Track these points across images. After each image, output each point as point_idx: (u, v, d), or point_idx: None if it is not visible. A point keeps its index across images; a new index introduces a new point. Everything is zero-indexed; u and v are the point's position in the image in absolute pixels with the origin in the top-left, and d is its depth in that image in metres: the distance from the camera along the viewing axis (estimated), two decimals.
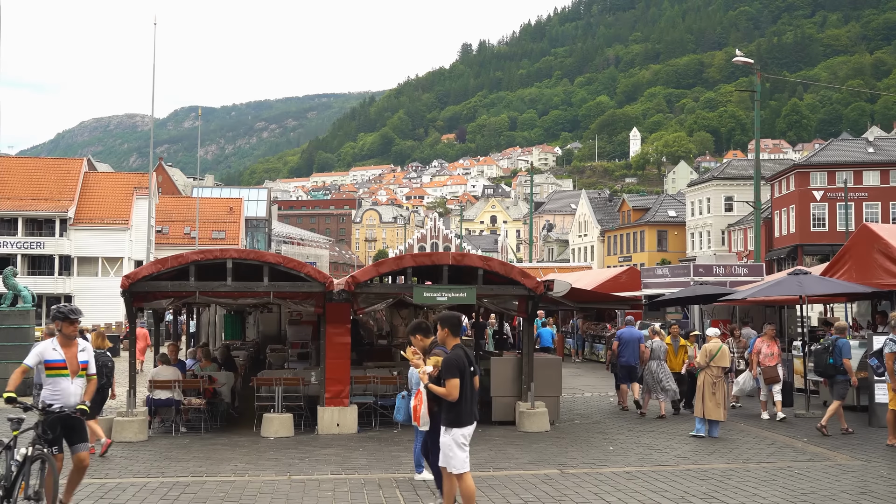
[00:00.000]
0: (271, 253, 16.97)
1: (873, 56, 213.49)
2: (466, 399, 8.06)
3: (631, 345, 17.85)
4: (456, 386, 7.96)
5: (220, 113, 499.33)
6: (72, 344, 8.78)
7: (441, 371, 8.13)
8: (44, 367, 8.67)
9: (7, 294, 21.72)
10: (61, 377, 8.64)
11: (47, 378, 8.70)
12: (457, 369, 8.01)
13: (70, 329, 8.76)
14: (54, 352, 8.67)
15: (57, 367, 8.62)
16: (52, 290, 60.23)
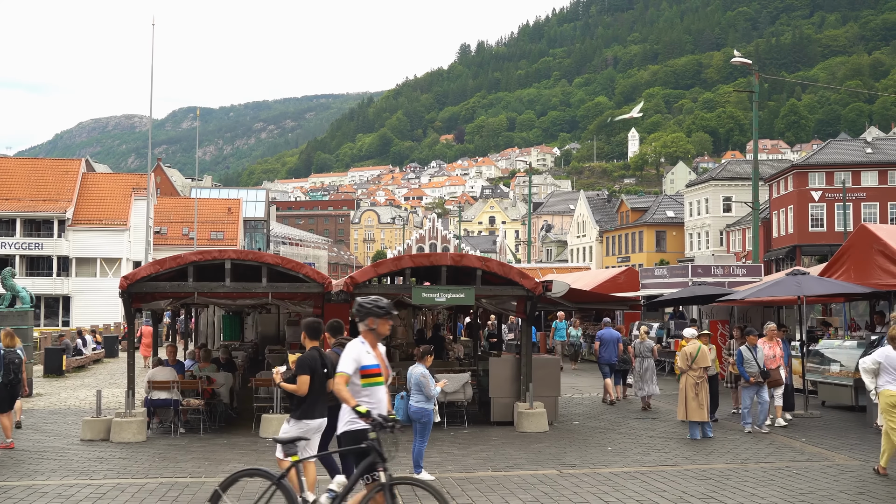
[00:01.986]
0: (270, 254, 16.97)
1: (871, 56, 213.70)
2: (314, 394, 8.74)
3: (610, 344, 19.53)
4: (305, 382, 8.63)
5: (218, 114, 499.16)
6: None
7: (295, 369, 8.85)
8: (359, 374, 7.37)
9: (5, 295, 21.73)
10: (377, 386, 7.46)
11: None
12: (308, 367, 8.70)
13: (386, 328, 7.52)
14: (368, 355, 7.39)
15: (372, 373, 7.39)
16: (50, 290, 60.21)
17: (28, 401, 20.21)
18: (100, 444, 13.77)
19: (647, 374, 18.38)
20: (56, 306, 61.32)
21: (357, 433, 7.13)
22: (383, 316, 7.32)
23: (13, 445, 12.90)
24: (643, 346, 18.64)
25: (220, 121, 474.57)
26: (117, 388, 21.92)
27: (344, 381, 7.10)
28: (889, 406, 10.91)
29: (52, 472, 11.47)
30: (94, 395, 16.06)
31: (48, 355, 26.79)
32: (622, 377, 20.24)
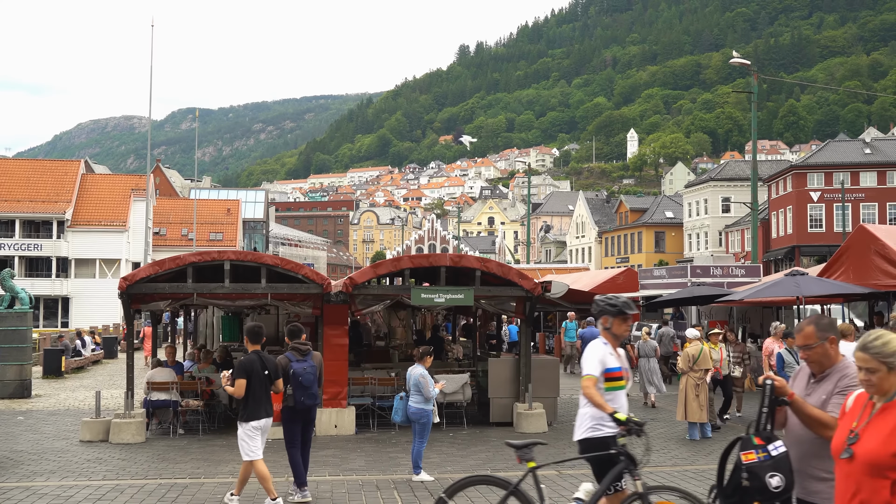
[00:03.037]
0: (269, 255, 16.98)
1: (870, 57, 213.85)
2: (255, 396, 9.19)
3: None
4: (241, 385, 9.11)
5: (217, 115, 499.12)
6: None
7: (233, 372, 9.31)
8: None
9: (5, 296, 21.71)
10: (620, 390, 6.89)
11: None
12: (244, 371, 9.17)
13: (623, 328, 6.94)
14: (612, 357, 6.81)
15: (616, 377, 6.82)
16: (49, 291, 60.17)
17: (27, 402, 20.21)
18: (99, 445, 13.77)
19: (651, 373, 18.71)
20: (55, 307, 61.28)
21: (603, 440, 6.78)
22: (616, 315, 6.79)
23: None
24: (646, 346, 18.97)
25: (219, 122, 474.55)
26: (116, 389, 21.92)
27: (593, 383, 6.66)
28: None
29: (52, 473, 11.47)
30: (93, 396, 16.06)
31: (47, 356, 26.78)
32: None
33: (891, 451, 3.81)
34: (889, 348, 4.00)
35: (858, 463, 3.90)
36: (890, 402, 4.01)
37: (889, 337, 4.07)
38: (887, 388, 4.01)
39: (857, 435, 3.98)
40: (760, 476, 4.45)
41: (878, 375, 4.00)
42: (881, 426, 3.94)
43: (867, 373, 4.03)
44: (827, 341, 4.74)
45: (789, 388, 4.69)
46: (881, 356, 4.00)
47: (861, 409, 4.12)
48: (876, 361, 4.00)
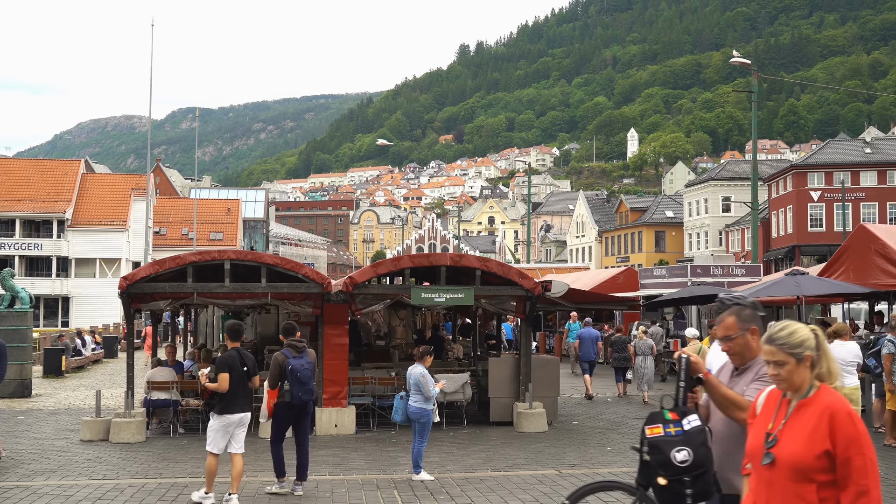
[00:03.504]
0: (269, 254, 16.96)
1: (870, 56, 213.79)
2: (233, 391, 9.49)
3: (589, 342, 20.94)
4: (225, 379, 9.45)
5: (217, 114, 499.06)
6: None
7: (215, 367, 9.62)
8: None
9: (5, 295, 21.71)
10: None
11: None
12: (226, 365, 9.51)
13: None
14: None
15: None
16: (49, 291, 60.17)
17: (27, 401, 20.22)
18: (99, 445, 13.77)
19: (648, 371, 19.10)
20: (55, 307, 61.28)
21: None
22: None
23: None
24: (642, 344, 19.39)
25: (219, 121, 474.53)
26: (116, 389, 21.93)
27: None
28: None
29: (52, 473, 11.47)
30: (94, 395, 16.05)
31: (47, 356, 26.78)
32: (622, 374, 20.78)
33: (815, 453, 3.61)
34: (795, 338, 3.81)
35: (781, 468, 3.67)
36: (806, 399, 3.79)
37: (795, 327, 3.88)
38: (798, 383, 3.80)
39: (775, 438, 3.74)
40: (664, 450, 4.22)
41: (787, 368, 3.79)
42: (801, 426, 3.72)
43: (776, 366, 3.82)
44: (748, 332, 4.57)
45: (704, 366, 4.52)
46: (787, 347, 3.80)
47: (775, 409, 3.88)
48: (783, 353, 3.80)
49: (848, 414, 3.65)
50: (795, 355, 3.78)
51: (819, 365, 3.83)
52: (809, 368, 3.81)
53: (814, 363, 3.81)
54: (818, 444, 3.62)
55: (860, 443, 3.62)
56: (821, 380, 3.83)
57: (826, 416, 3.65)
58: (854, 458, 3.58)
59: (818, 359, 3.82)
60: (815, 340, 3.83)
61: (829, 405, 3.70)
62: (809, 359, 3.80)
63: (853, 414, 3.66)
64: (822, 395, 3.77)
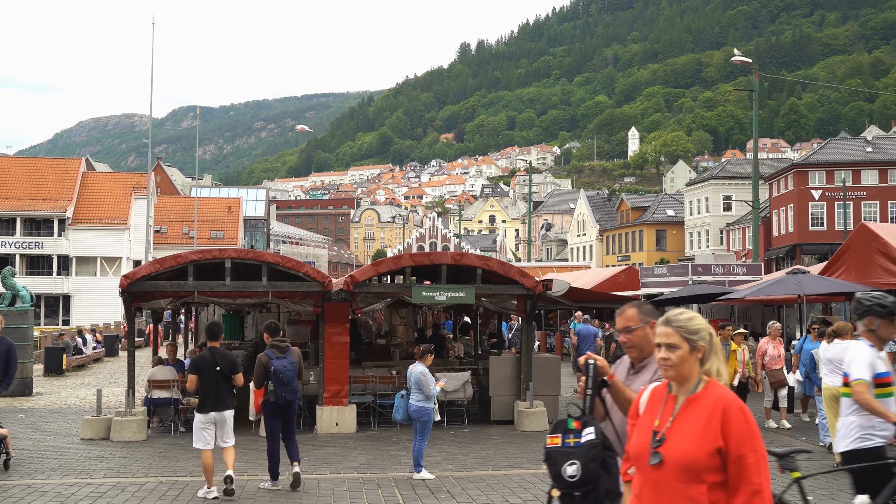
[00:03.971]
0: (270, 252, 16.96)
1: (871, 55, 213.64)
2: (204, 391, 9.91)
3: (588, 339, 21.26)
4: (192, 381, 9.99)
5: (218, 113, 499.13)
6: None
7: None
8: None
9: (6, 294, 21.73)
10: (889, 397, 6.29)
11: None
12: (195, 367, 9.98)
13: (891, 331, 6.43)
14: (881, 361, 6.31)
15: (885, 382, 6.29)
16: (50, 290, 60.18)
17: (28, 399, 20.22)
18: (100, 443, 13.77)
19: None
20: (56, 305, 61.28)
21: (874, 450, 6.22)
22: (886, 316, 6.31)
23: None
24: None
25: (220, 120, 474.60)
26: (117, 387, 21.93)
27: (866, 388, 6.18)
28: None
29: (53, 471, 11.47)
30: (94, 394, 16.06)
31: (48, 354, 26.79)
32: None
33: (708, 451, 3.42)
34: (693, 324, 3.63)
35: (670, 468, 3.45)
36: (695, 394, 3.57)
37: (695, 315, 3.71)
38: (686, 374, 3.59)
39: (663, 436, 3.51)
40: (558, 462, 4.01)
41: (679, 354, 3.58)
42: (691, 423, 3.50)
43: (667, 349, 3.60)
44: (648, 325, 4.43)
45: (609, 369, 4.32)
46: (684, 331, 3.61)
47: (661, 406, 3.64)
48: (678, 336, 3.61)
49: (740, 409, 3.47)
50: (690, 342, 3.60)
51: (709, 361, 3.63)
52: (699, 361, 3.61)
53: (705, 357, 3.61)
54: (710, 440, 3.42)
55: (753, 439, 3.44)
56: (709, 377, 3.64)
57: (718, 412, 3.46)
58: (747, 456, 3.40)
59: (709, 354, 3.63)
60: (710, 336, 3.66)
61: (721, 399, 3.50)
62: (702, 350, 3.61)
63: (745, 409, 3.49)
64: (713, 390, 3.56)
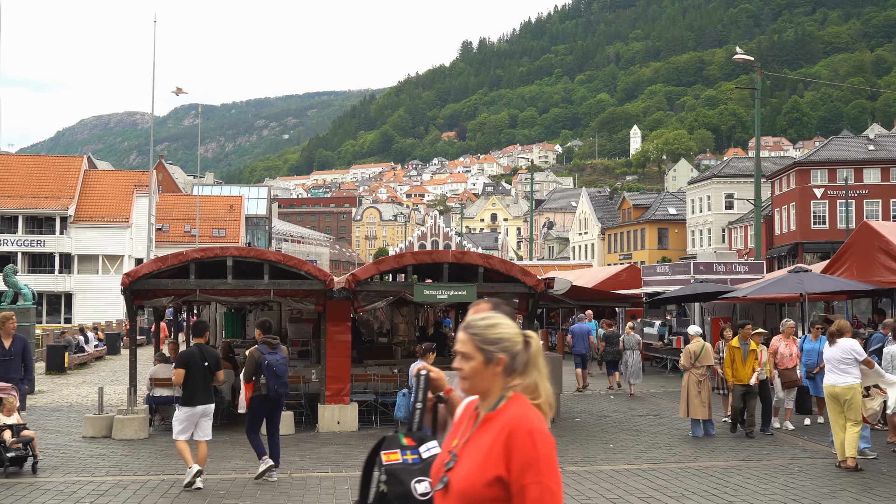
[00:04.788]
0: (272, 251, 16.97)
1: (874, 53, 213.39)
2: (191, 385, 10.24)
3: (581, 337, 21.59)
4: (179, 374, 10.27)
5: (220, 111, 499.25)
6: None
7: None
8: None
9: (7, 292, 21.77)
10: None
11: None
12: (182, 362, 10.31)
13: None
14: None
15: None
16: (52, 288, 60.23)
17: (30, 397, 20.20)
18: (102, 441, 13.79)
19: (635, 365, 20.01)
20: (58, 303, 61.32)
21: None
22: None
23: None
24: (630, 339, 20.43)
25: (221, 118, 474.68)
26: (119, 386, 21.95)
27: None
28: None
29: (54, 469, 11.48)
30: (96, 392, 16.07)
31: (50, 352, 26.80)
32: (614, 367, 21.62)
33: (486, 479, 2.94)
34: (493, 333, 3.12)
35: (452, 496, 2.99)
36: (493, 413, 3.07)
37: (501, 322, 3.18)
38: (483, 388, 3.11)
39: (454, 457, 3.07)
40: (404, 480, 3.53)
41: (472, 365, 3.10)
42: (479, 446, 3.02)
43: (461, 359, 3.14)
44: None
45: (447, 383, 3.74)
46: (480, 340, 3.11)
47: (466, 420, 3.20)
48: (472, 345, 3.11)
49: (529, 432, 2.95)
50: (485, 353, 3.10)
51: (524, 375, 3.12)
52: (502, 374, 3.10)
53: (509, 369, 3.10)
54: (490, 468, 2.94)
55: (538, 468, 2.91)
56: (531, 397, 3.12)
57: (503, 435, 2.97)
58: (529, 488, 2.89)
59: (517, 367, 3.12)
60: (521, 346, 3.14)
61: (511, 421, 2.99)
62: (502, 362, 3.09)
63: (536, 432, 2.96)
64: (509, 409, 3.05)
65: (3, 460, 10.93)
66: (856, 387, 11.23)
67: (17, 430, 11.22)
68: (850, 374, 11.26)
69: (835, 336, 11.50)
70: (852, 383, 11.20)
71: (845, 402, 11.18)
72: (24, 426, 11.41)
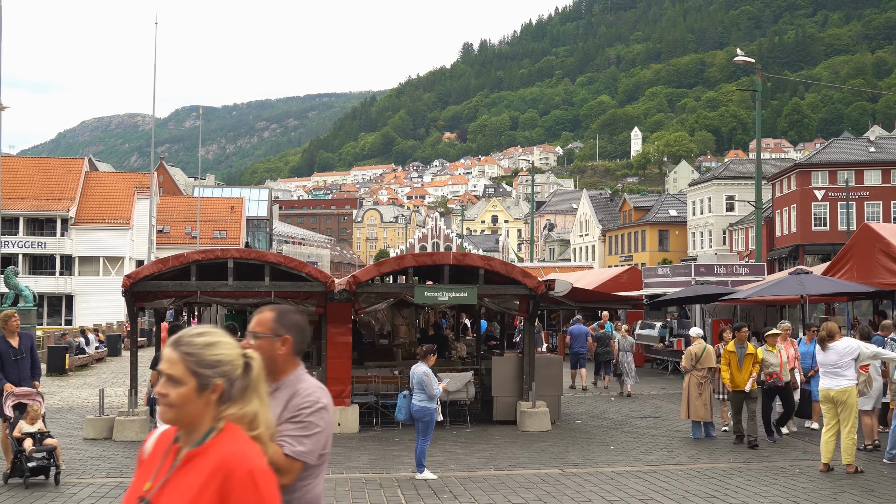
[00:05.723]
0: (272, 252, 16.97)
1: (874, 55, 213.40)
2: None
3: (579, 338, 22.19)
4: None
5: (221, 112, 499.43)
6: None
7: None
8: None
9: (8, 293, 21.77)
10: None
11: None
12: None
13: None
14: None
15: None
16: (53, 289, 60.25)
17: None
18: (102, 443, 13.79)
19: (629, 365, 20.56)
20: (59, 305, 61.34)
21: None
22: None
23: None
24: (625, 341, 20.92)
25: (222, 120, 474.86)
26: (120, 387, 21.94)
27: None
28: None
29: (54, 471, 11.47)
30: (97, 393, 16.06)
31: (51, 354, 26.79)
32: (606, 367, 22.11)
33: None
34: (212, 354, 2.62)
35: None
36: (199, 449, 2.56)
37: (221, 340, 2.68)
38: (191, 418, 2.59)
39: (146, 501, 2.53)
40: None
41: (181, 392, 2.56)
42: (184, 489, 2.50)
43: (168, 383, 2.58)
44: (279, 340, 3.38)
45: None
46: (195, 361, 2.59)
47: (162, 458, 2.62)
48: (183, 367, 2.58)
49: (249, 473, 2.49)
50: (200, 377, 2.58)
51: (240, 403, 2.65)
52: (215, 403, 2.61)
53: (225, 397, 2.62)
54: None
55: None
56: (248, 428, 2.65)
57: (217, 478, 2.48)
58: None
59: (240, 394, 2.66)
60: (242, 370, 2.68)
61: (227, 461, 2.50)
62: (219, 389, 2.60)
63: (258, 472, 2.51)
64: (221, 445, 2.55)
65: (24, 470, 10.44)
66: (850, 389, 11.22)
67: (40, 439, 10.78)
68: (845, 377, 11.23)
69: (826, 341, 11.44)
70: (846, 386, 11.19)
71: (840, 404, 11.17)
72: (47, 434, 11.00)
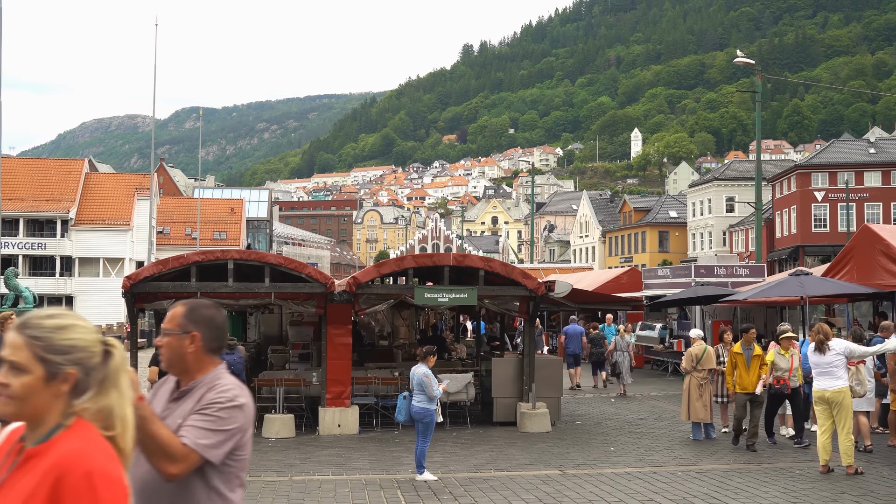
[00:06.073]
0: (273, 254, 16.97)
1: (874, 57, 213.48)
2: None
3: (574, 338, 22.70)
4: (155, 372, 10.94)
5: (221, 114, 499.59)
6: None
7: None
8: None
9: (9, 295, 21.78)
10: None
11: None
12: (156, 360, 10.87)
13: None
14: None
15: None
16: (53, 290, 60.25)
17: None
18: None
19: (625, 365, 20.92)
20: (59, 306, 61.37)
21: None
22: None
23: None
24: (622, 342, 21.32)
25: (222, 121, 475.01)
26: None
27: None
28: None
29: None
30: None
31: None
32: (600, 367, 22.66)
33: None
34: (63, 338, 2.29)
35: None
36: (40, 447, 2.24)
37: (77, 324, 2.35)
38: (36, 412, 2.26)
39: None
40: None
41: (26, 381, 2.24)
42: (18, 492, 2.16)
43: (9, 371, 2.24)
44: (187, 337, 3.16)
45: (139, 388, 2.72)
46: (44, 347, 2.27)
47: (5, 457, 2.30)
48: (30, 353, 2.25)
49: (87, 475, 2.15)
50: (49, 365, 2.26)
51: (97, 397, 2.33)
52: (67, 395, 2.29)
53: (79, 388, 2.30)
54: None
55: None
56: (104, 426, 2.31)
57: (49, 480, 2.15)
58: None
59: (90, 385, 2.32)
60: (101, 359, 2.36)
61: (62, 461, 2.17)
62: (71, 379, 2.28)
63: (97, 474, 2.16)
64: (63, 443, 2.23)
65: None
66: (845, 390, 11.23)
67: None
68: (840, 378, 11.24)
69: (824, 343, 11.42)
70: (841, 387, 11.20)
71: (836, 405, 11.17)
72: None
